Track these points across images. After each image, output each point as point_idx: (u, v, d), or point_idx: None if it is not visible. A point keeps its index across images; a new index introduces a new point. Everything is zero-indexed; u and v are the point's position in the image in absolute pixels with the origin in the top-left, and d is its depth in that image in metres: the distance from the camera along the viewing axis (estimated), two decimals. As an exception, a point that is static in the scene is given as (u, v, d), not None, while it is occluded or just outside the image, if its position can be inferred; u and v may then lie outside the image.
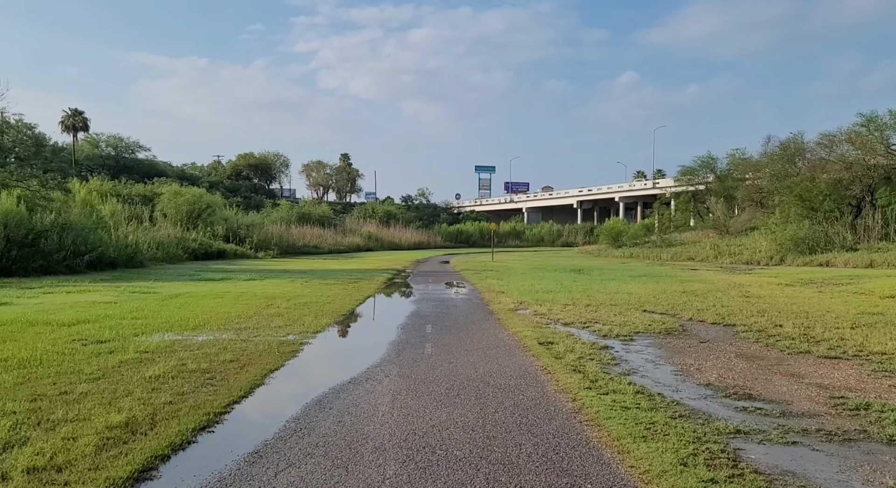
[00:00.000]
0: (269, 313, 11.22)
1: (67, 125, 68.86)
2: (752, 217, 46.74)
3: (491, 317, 11.59)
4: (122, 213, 34.37)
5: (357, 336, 10.46)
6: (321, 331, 9.67)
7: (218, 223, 42.95)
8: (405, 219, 77.93)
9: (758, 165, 49.57)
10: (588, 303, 13.68)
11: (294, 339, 8.79)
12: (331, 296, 14.55)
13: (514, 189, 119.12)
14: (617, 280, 21.19)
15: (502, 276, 22.78)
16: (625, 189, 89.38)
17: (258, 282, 18.21)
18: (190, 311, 11.23)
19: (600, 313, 11.92)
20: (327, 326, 10.15)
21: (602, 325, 10.30)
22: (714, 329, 10.12)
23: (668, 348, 8.49)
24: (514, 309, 12.73)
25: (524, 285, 18.47)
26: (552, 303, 13.54)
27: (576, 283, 19.30)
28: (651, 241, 51.50)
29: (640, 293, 16.17)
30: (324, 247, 54.05)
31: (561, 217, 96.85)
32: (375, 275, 23.10)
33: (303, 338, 8.90)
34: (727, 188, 52.82)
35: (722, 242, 42.16)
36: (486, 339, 9.11)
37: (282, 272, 24.69)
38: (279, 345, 8.26)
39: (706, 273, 26.13)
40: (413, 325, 10.62)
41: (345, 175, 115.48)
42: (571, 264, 33.11)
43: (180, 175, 76.62)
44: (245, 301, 13.07)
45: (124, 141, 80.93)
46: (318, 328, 9.78)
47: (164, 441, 4.44)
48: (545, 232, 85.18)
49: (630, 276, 23.04)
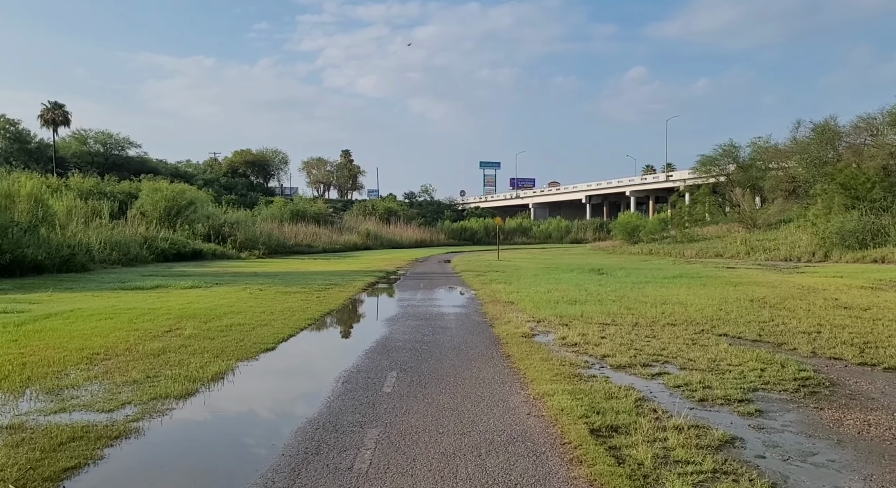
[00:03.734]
0: (143, 351, 7.14)
1: (47, 119, 64.85)
2: (784, 208, 42.52)
3: (496, 353, 7.47)
4: (80, 210, 30.46)
5: (244, 408, 5.54)
6: (190, 394, 5.46)
7: (200, 221, 39.04)
8: (407, 216, 73.86)
9: (787, 152, 45.32)
10: (635, 322, 9.59)
11: (115, 421, 4.71)
12: (274, 314, 10.52)
13: (520, 185, 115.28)
14: (651, 283, 17.11)
15: (510, 279, 18.69)
16: (636, 182, 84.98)
17: (197, 292, 14.17)
18: (18, 349, 7.18)
19: (663, 342, 7.84)
20: (211, 381, 5.91)
21: (680, 372, 6.21)
22: (882, 380, 5.99)
23: (855, 445, 4.38)
24: (531, 334, 8.65)
25: (539, 292, 14.38)
26: (584, 323, 9.47)
27: (603, 288, 15.20)
28: (671, 236, 47.35)
29: (694, 302, 12.08)
30: (317, 245, 50.18)
31: (569, 212, 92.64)
32: (357, 279, 19.06)
33: (133, 420, 4.80)
34: (752, 178, 48.51)
35: (752, 237, 38.03)
36: (487, 417, 4.90)
37: (249, 276, 20.70)
38: (54, 450, 4.15)
39: (749, 272, 22.10)
40: (367, 374, 6.45)
41: (346, 172, 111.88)
42: (588, 263, 29.01)
43: (174, 172, 73.02)
44: (139, 325, 9.03)
45: (113, 137, 77.22)
46: (185, 390, 5.52)
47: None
48: (553, 228, 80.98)
49: (664, 278, 18.95)
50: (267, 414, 5.45)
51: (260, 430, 4.91)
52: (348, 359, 7.18)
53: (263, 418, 5.33)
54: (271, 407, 5.63)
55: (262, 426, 5.06)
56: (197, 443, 4.59)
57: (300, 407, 5.35)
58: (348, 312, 12.22)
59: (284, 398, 5.99)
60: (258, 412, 5.48)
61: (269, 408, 5.59)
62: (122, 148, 77.89)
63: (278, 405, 5.72)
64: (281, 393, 6.10)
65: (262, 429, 4.93)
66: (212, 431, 4.86)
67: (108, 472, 3.85)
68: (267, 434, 4.73)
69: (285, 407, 5.64)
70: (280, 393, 6.10)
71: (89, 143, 75.45)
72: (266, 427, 5.01)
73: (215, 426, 4.98)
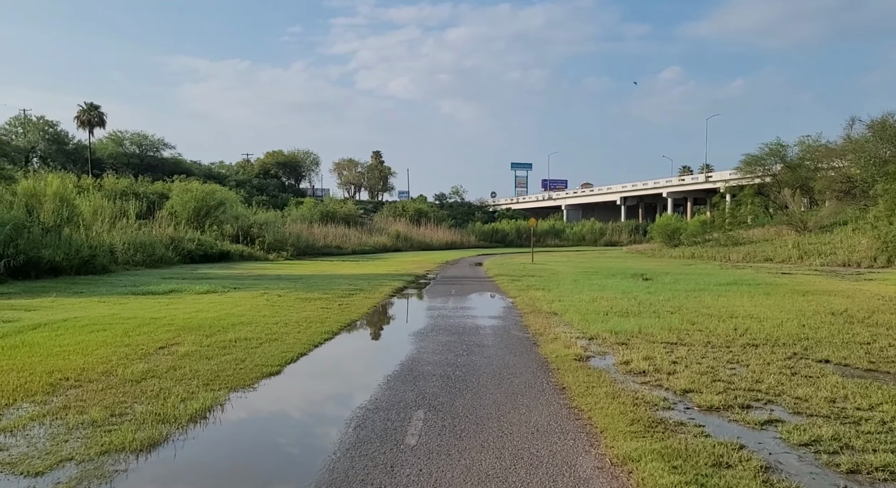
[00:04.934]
0: (122, 376, 5.91)
1: (83, 120, 65.44)
2: (838, 210, 40.00)
3: (547, 384, 6.06)
4: (106, 211, 29.94)
5: (219, 469, 4.15)
6: (154, 446, 4.12)
7: (228, 222, 38.43)
8: (437, 217, 72.59)
9: (840, 151, 42.74)
10: (706, 341, 8.09)
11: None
12: (288, 325, 9.30)
13: (551, 186, 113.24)
14: (706, 290, 15.48)
15: (549, 285, 17.23)
16: (673, 183, 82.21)
17: (210, 298, 13.07)
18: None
19: (752, 371, 6.34)
20: (188, 424, 4.58)
21: (794, 418, 4.73)
22: None
23: None
24: (584, 356, 7.23)
25: (583, 301, 12.90)
26: (646, 341, 8.01)
27: (655, 297, 13.64)
28: (714, 239, 45.07)
29: (768, 316, 10.48)
30: (347, 247, 49.27)
31: (602, 214, 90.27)
32: (384, 284, 17.82)
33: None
34: (800, 178, 45.94)
35: (804, 240, 35.73)
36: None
37: (272, 279, 19.66)
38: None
39: (810, 278, 20.24)
40: (387, 413, 5.08)
41: (376, 173, 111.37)
42: (628, 267, 27.30)
43: (207, 173, 73.39)
44: (133, 339, 7.88)
45: (148, 138, 78.02)
46: (149, 440, 4.19)
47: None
48: (587, 230, 78.77)
49: (717, 284, 17.28)
50: (248, 482, 4.07)
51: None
52: (366, 388, 5.87)
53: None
54: (256, 468, 4.18)
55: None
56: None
57: (293, 473, 4.02)
58: (371, 324, 10.91)
59: (275, 455, 4.45)
60: (236, 477, 4.10)
61: (251, 471, 4.15)
62: (156, 149, 78.68)
63: (266, 465, 4.22)
64: (272, 447, 4.59)
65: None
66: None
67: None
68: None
69: (274, 469, 4.18)
70: (271, 447, 4.60)
71: (125, 145, 76.34)
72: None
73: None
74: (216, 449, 4.44)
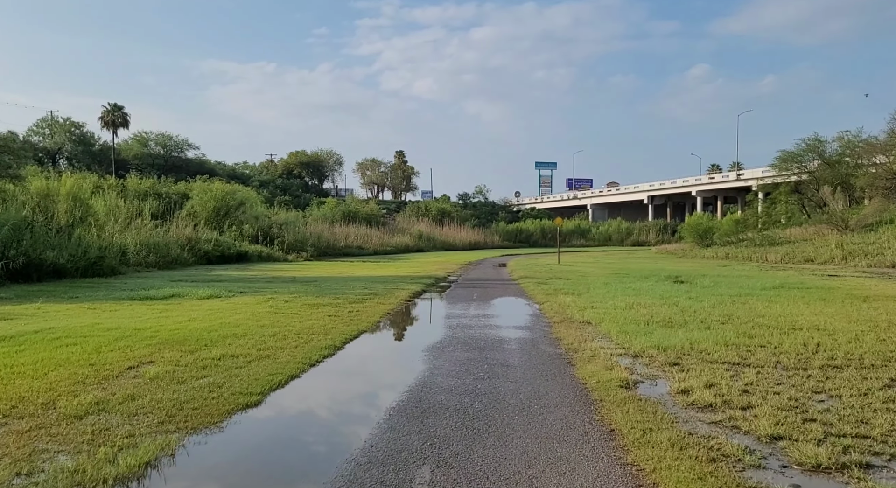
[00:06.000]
0: (63, 410, 4.75)
1: (107, 121, 65.71)
2: (883, 208, 37.85)
3: (590, 425, 4.74)
4: (121, 210, 29.33)
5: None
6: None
7: (248, 222, 37.78)
8: (460, 217, 71.37)
9: (886, 146, 40.54)
10: (775, 360, 6.75)
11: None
12: (287, 338, 8.17)
13: (576, 185, 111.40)
14: (753, 295, 14.04)
15: (578, 289, 15.90)
16: (703, 182, 79.81)
17: (210, 305, 12.02)
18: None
19: (849, 404, 5.02)
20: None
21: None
22: None
23: None
24: (630, 381, 5.95)
25: (618, 308, 11.57)
26: (702, 361, 6.71)
27: (698, 303, 12.24)
28: (748, 239, 43.15)
29: (835, 328, 9.08)
30: (368, 247, 48.43)
31: (629, 213, 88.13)
32: (401, 287, 16.67)
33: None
34: (840, 175, 43.73)
35: (847, 240, 33.78)
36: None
37: (286, 281, 18.67)
38: None
39: (862, 281, 18.64)
40: (382, 471, 3.87)
41: (399, 173, 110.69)
42: (660, 268, 25.78)
43: (231, 174, 73.40)
44: (102, 356, 6.81)
45: (173, 139, 78.32)
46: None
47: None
48: (613, 230, 76.84)
49: (762, 289, 15.79)
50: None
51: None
52: (360, 430, 4.67)
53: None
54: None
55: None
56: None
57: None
58: (380, 336, 9.71)
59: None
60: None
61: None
62: (181, 150, 78.95)
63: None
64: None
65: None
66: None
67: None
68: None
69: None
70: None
71: (150, 146, 76.75)
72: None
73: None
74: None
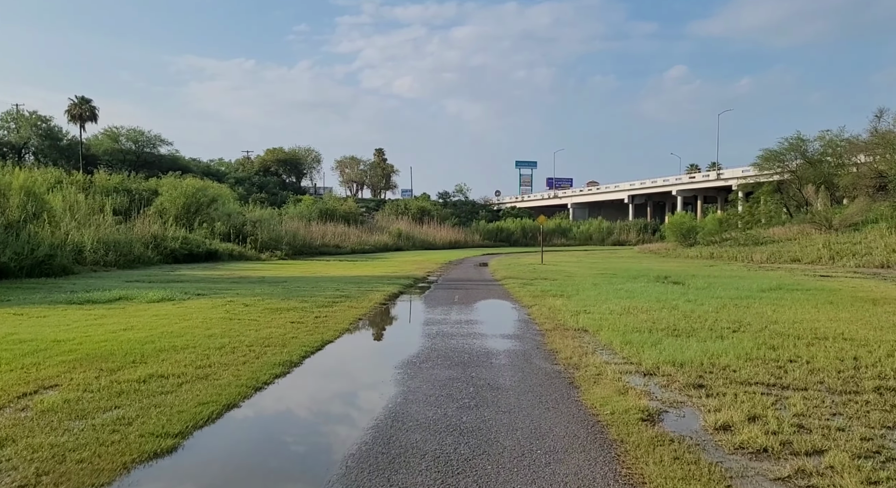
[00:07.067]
0: None
1: (74, 115, 63.14)
2: (867, 208, 37.53)
3: (615, 481, 3.61)
4: (81, 206, 27.67)
5: None
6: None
7: (220, 219, 36.27)
8: (441, 215, 70.24)
9: (867, 145, 40.31)
10: (818, 380, 5.71)
11: None
12: (235, 352, 6.93)
13: (557, 184, 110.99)
14: (754, 298, 13.12)
15: (566, 290, 14.83)
16: (683, 181, 79.71)
17: (157, 309, 10.68)
18: None
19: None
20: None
21: None
22: None
23: None
24: (651, 411, 4.83)
25: (614, 312, 10.50)
26: (729, 381, 5.64)
27: (699, 308, 11.22)
28: (732, 239, 42.69)
29: (862, 337, 8.10)
30: (346, 246, 47.14)
31: (610, 213, 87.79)
32: (376, 289, 15.46)
33: None
34: (823, 174, 43.50)
35: (833, 239, 33.37)
36: None
37: (252, 282, 17.34)
38: None
39: (858, 282, 17.95)
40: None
41: (379, 171, 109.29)
42: (647, 268, 24.91)
43: (206, 171, 71.46)
44: None
45: (145, 134, 75.84)
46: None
47: None
48: (594, 229, 76.36)
49: (760, 290, 14.91)
50: None
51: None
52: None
53: None
54: None
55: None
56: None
57: None
58: (347, 348, 8.45)
59: None
60: None
61: None
62: (153, 145, 76.47)
63: None
64: None
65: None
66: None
67: None
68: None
69: None
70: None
71: (121, 141, 74.20)
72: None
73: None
74: None
